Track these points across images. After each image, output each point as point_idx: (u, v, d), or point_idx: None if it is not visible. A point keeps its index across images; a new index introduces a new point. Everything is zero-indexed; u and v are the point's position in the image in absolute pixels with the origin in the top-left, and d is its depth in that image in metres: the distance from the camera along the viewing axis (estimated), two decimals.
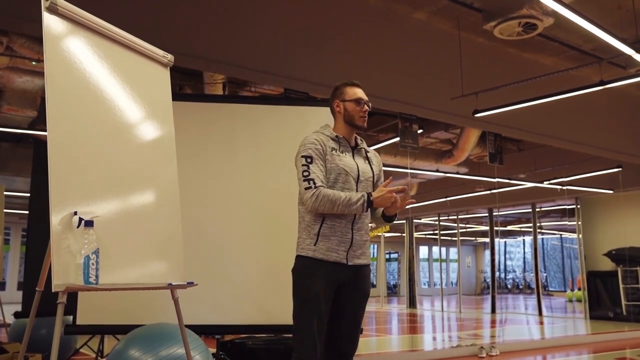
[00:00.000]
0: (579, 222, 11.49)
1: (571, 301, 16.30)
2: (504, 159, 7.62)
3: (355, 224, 2.39)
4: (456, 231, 15.31)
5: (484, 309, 15.11)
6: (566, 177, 9.75)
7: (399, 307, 15.87)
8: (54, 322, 1.94)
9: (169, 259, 2.55)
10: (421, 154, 8.45)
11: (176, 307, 2.51)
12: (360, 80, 2.56)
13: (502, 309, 14.46)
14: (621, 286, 10.65)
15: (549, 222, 16.11)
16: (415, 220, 15.41)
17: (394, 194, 2.31)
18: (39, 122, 6.65)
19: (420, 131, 6.76)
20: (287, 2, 5.08)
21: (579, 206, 11.49)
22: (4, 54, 5.22)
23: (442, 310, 14.51)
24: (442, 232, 16.03)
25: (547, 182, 10.18)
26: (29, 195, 5.43)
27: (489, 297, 13.92)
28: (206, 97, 4.80)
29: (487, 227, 14.00)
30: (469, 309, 14.71)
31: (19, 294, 5.98)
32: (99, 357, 4.91)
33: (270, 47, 4.95)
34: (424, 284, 21.24)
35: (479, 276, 22.57)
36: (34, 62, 5.45)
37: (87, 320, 3.54)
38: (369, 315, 12.74)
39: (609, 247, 10.87)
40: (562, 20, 4.73)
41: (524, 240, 21.30)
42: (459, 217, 14.58)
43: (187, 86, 6.25)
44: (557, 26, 5.42)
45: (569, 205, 11.95)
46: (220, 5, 4.73)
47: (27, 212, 5.48)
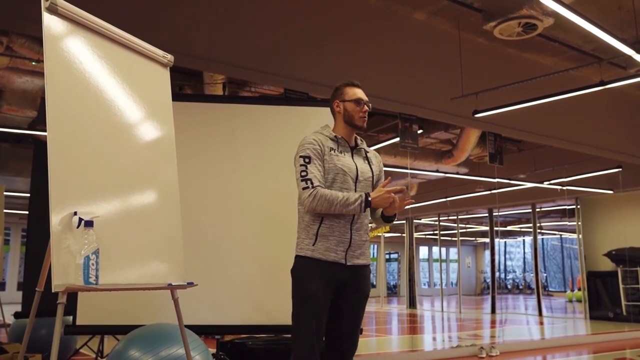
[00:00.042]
0: (579, 223, 11.49)
1: (571, 301, 16.30)
2: (504, 159, 7.62)
3: (354, 224, 2.38)
4: (456, 231, 15.31)
5: (484, 309, 15.11)
6: (566, 177, 9.75)
7: (399, 308, 15.86)
8: (53, 322, 1.94)
9: (169, 259, 2.55)
10: (421, 154, 8.45)
11: (176, 308, 2.51)
12: (360, 80, 2.56)
13: (502, 309, 14.45)
14: (621, 286, 10.65)
15: (549, 222, 16.11)
16: (415, 220, 15.41)
17: (392, 195, 2.31)
18: (39, 122, 6.64)
19: (420, 131, 6.76)
20: (287, 2, 5.08)
21: (579, 206, 11.49)
22: (4, 54, 5.22)
23: (442, 310, 14.51)
24: (442, 232, 16.02)
25: (547, 183, 10.18)
26: (29, 195, 5.43)
27: (489, 297, 13.92)
28: (206, 98, 4.80)
29: (487, 228, 14.00)
30: (469, 309, 14.71)
31: (19, 294, 5.98)
32: (99, 358, 4.91)
33: (270, 47, 4.95)
34: (424, 284, 21.24)
35: (479, 276, 22.57)
36: (33, 62, 5.45)
37: (87, 320, 3.54)
38: (369, 315, 12.74)
39: (609, 248, 10.87)
40: (562, 20, 4.73)
41: (524, 240, 21.29)
42: (459, 217, 14.58)
43: (187, 86, 6.25)
44: (557, 26, 5.42)
45: (569, 205, 11.94)
46: (220, 5, 4.73)
47: (27, 213, 5.48)
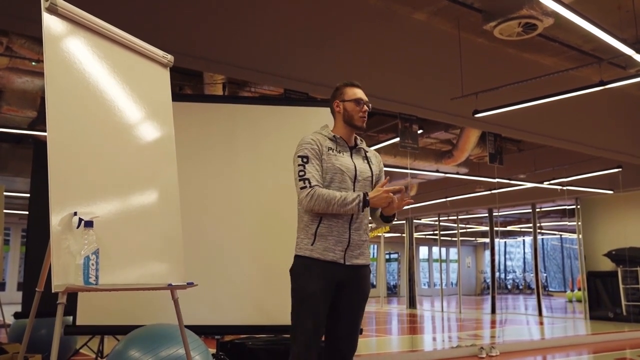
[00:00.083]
0: (579, 223, 11.49)
1: (571, 301, 16.30)
2: (504, 159, 7.62)
3: (352, 223, 2.38)
4: (456, 231, 15.31)
5: (484, 310, 15.11)
6: (566, 177, 9.75)
7: (399, 308, 15.86)
8: (53, 322, 1.94)
9: (168, 260, 2.54)
10: (421, 155, 8.45)
11: (176, 308, 2.51)
12: (360, 80, 2.56)
13: (502, 310, 14.45)
14: (621, 286, 10.65)
15: (549, 222, 16.11)
16: (415, 220, 15.41)
17: (390, 194, 2.31)
18: (39, 122, 6.65)
19: (420, 131, 6.76)
20: (287, 2, 5.08)
21: (579, 206, 11.49)
22: (3, 54, 5.22)
23: (442, 310, 14.51)
24: (442, 232, 16.03)
25: (547, 183, 10.18)
26: (29, 195, 5.43)
27: (489, 297, 13.92)
28: (206, 98, 4.80)
29: (487, 228, 14.01)
30: (469, 310, 14.71)
31: (19, 294, 5.98)
32: (99, 358, 4.91)
33: (270, 47, 4.95)
34: (424, 285, 21.25)
35: (478, 276, 22.57)
36: (33, 63, 5.45)
37: (87, 320, 3.54)
38: (369, 315, 12.74)
39: (609, 248, 10.87)
40: (562, 20, 4.73)
41: (524, 240, 21.30)
42: (459, 217, 14.58)
43: (187, 86, 6.25)
44: (557, 26, 5.42)
45: (569, 205, 11.95)
46: (220, 5, 4.73)
47: (27, 213, 5.48)
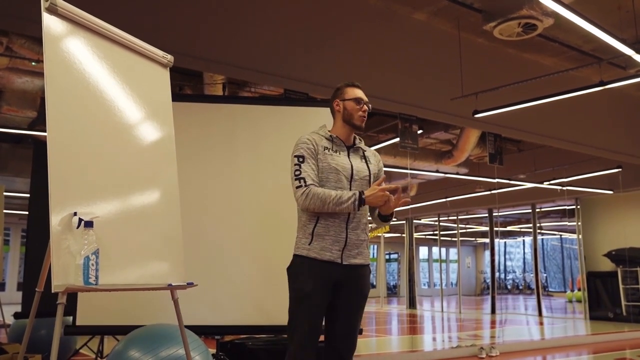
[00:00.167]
0: (579, 223, 11.49)
1: (571, 302, 16.30)
2: (504, 159, 7.62)
3: (350, 223, 2.38)
4: (456, 232, 15.31)
5: (483, 310, 15.11)
6: (566, 177, 9.75)
7: (399, 308, 15.86)
8: (53, 322, 1.94)
9: (168, 260, 2.54)
10: (421, 155, 8.45)
11: (176, 308, 2.51)
12: (360, 80, 2.57)
13: (502, 310, 14.45)
14: (621, 287, 10.65)
15: (549, 222, 16.11)
16: (415, 220, 15.41)
17: (386, 193, 2.31)
18: (39, 122, 6.65)
19: (420, 132, 6.76)
20: (287, 2, 5.08)
21: (578, 207, 11.50)
22: (3, 54, 5.21)
23: (442, 310, 14.51)
24: (442, 232, 16.02)
25: (547, 183, 10.18)
26: (29, 195, 5.43)
27: (489, 297, 13.92)
28: (206, 98, 4.79)
29: (487, 228, 14.00)
30: (469, 310, 14.71)
31: (19, 294, 5.98)
32: (99, 358, 4.90)
33: (270, 47, 4.95)
34: (424, 285, 21.24)
35: (478, 277, 22.56)
36: (33, 63, 5.45)
37: (86, 320, 3.54)
38: (369, 315, 12.74)
39: (609, 248, 10.87)
40: (562, 20, 4.73)
41: (523, 240, 21.29)
42: (459, 217, 14.58)
43: (187, 87, 6.25)
44: (557, 27, 5.42)
45: (568, 205, 11.95)
46: (220, 5, 4.73)
47: (27, 213, 5.48)
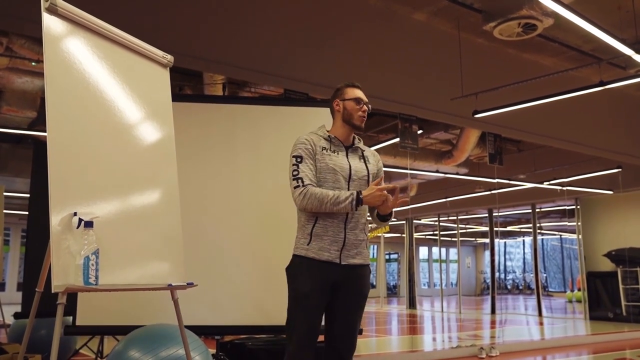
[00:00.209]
0: (579, 223, 11.49)
1: (571, 302, 16.29)
2: (504, 159, 7.62)
3: (348, 223, 2.38)
4: (456, 232, 15.31)
5: (483, 310, 15.11)
6: (566, 177, 9.75)
7: (399, 308, 15.86)
8: (53, 322, 1.94)
9: (168, 260, 2.54)
10: (421, 155, 8.44)
11: (176, 308, 2.51)
12: (360, 80, 2.57)
13: (502, 310, 14.45)
14: (621, 287, 10.65)
15: (549, 222, 16.11)
16: (415, 220, 15.41)
17: (384, 192, 2.31)
18: (39, 122, 6.64)
19: (420, 132, 6.76)
20: (287, 2, 5.08)
21: (578, 207, 11.49)
22: (3, 54, 5.21)
23: (442, 310, 14.51)
24: (442, 232, 16.02)
25: (547, 183, 10.18)
26: (29, 195, 5.43)
27: (489, 297, 13.92)
28: (206, 98, 4.80)
29: (487, 228, 14.00)
30: (469, 310, 14.71)
31: (19, 294, 5.98)
32: (99, 358, 4.90)
33: (270, 47, 4.95)
34: (424, 285, 21.24)
35: (478, 277, 22.56)
36: (33, 63, 5.45)
37: (86, 321, 3.54)
38: (369, 315, 12.74)
39: (609, 248, 10.87)
40: (561, 20, 4.73)
41: (523, 240, 21.29)
42: (459, 217, 14.58)
43: (187, 87, 6.25)
44: (556, 27, 5.42)
45: (568, 205, 11.95)
46: (220, 5, 4.73)
47: (27, 213, 5.48)
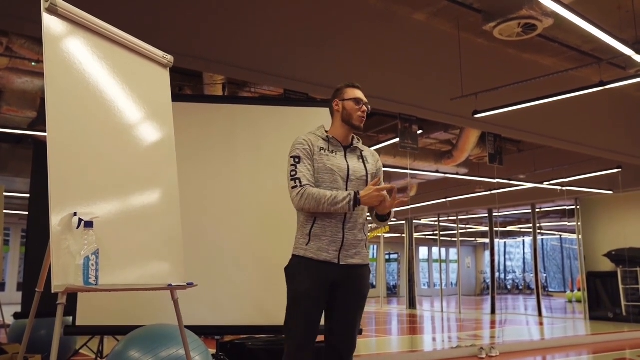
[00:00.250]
0: (579, 223, 11.49)
1: (571, 302, 16.29)
2: (504, 159, 7.62)
3: (346, 223, 2.38)
4: (456, 232, 15.31)
5: (483, 310, 15.10)
6: (566, 177, 9.75)
7: (399, 308, 15.86)
8: (53, 323, 1.94)
9: (169, 260, 2.54)
10: (421, 155, 8.44)
11: (176, 308, 2.51)
12: (360, 80, 2.57)
13: (502, 310, 14.45)
14: (621, 287, 10.65)
15: (549, 222, 16.11)
16: (415, 221, 15.41)
17: (382, 193, 2.31)
18: (39, 122, 6.64)
19: (420, 132, 6.76)
20: (287, 2, 5.08)
21: (578, 207, 11.49)
22: (3, 54, 5.21)
23: (442, 311, 14.51)
24: (441, 232, 16.02)
25: (547, 183, 10.18)
26: (29, 196, 5.43)
27: (489, 297, 13.92)
28: (206, 98, 4.80)
29: (487, 228, 14.00)
30: (469, 310, 14.71)
31: (19, 294, 5.98)
32: (99, 358, 4.90)
33: (270, 47, 4.95)
34: (424, 285, 21.23)
35: (478, 277, 22.56)
36: (33, 63, 5.44)
37: (86, 321, 3.54)
38: (369, 315, 12.74)
39: (609, 248, 10.87)
40: (561, 21, 4.73)
41: (523, 241, 21.28)
42: (459, 217, 14.58)
43: (187, 87, 6.25)
44: (556, 27, 5.42)
45: (568, 206, 11.95)
46: (220, 5, 4.73)
47: (27, 213, 5.48)
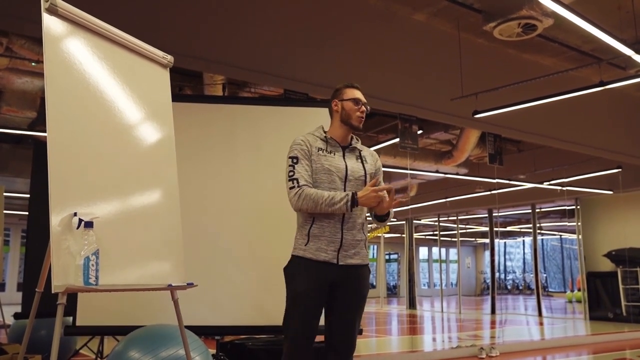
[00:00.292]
0: (579, 223, 11.49)
1: (571, 302, 16.29)
2: (504, 159, 7.62)
3: (345, 223, 2.38)
4: (456, 232, 15.30)
5: (483, 310, 15.10)
6: (566, 177, 9.75)
7: (399, 308, 15.86)
8: (53, 323, 1.94)
9: (169, 260, 2.54)
10: (421, 155, 8.44)
11: (176, 308, 2.51)
12: (360, 81, 2.57)
13: (502, 310, 14.45)
14: (621, 287, 10.65)
15: (549, 222, 16.10)
16: (415, 221, 15.40)
17: (379, 193, 2.32)
18: (39, 123, 6.64)
19: (420, 132, 6.76)
20: (287, 2, 5.08)
21: (578, 207, 11.49)
22: (3, 54, 5.21)
23: (442, 311, 14.51)
24: (441, 233, 16.02)
25: (547, 183, 10.18)
26: (29, 196, 5.43)
27: (489, 298, 13.92)
28: (206, 98, 4.80)
29: (487, 228, 14.00)
30: (469, 310, 14.70)
31: (19, 295, 5.98)
32: (99, 358, 4.90)
33: (270, 47, 4.95)
34: (424, 285, 21.22)
35: (478, 277, 22.55)
36: (33, 63, 5.45)
37: (86, 321, 3.54)
38: (369, 316, 12.74)
39: (609, 248, 10.87)
40: (561, 21, 4.73)
41: (523, 241, 21.28)
42: (459, 217, 14.58)
43: (187, 87, 6.25)
44: (556, 27, 5.42)
45: (568, 206, 11.94)
46: (220, 5, 4.73)
47: (27, 213, 5.48)
